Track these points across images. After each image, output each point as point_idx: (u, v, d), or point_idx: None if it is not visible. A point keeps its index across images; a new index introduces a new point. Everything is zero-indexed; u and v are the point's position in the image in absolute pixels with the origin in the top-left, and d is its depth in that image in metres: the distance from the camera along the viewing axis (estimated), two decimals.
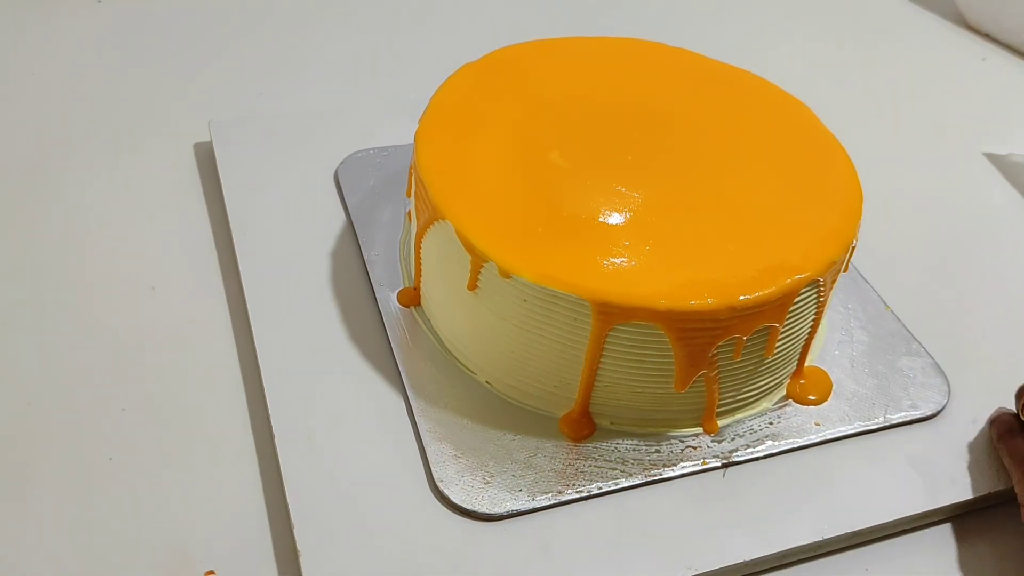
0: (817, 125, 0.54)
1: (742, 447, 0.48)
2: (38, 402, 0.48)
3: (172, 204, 0.60)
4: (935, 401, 0.51)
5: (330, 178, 0.60)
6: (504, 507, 0.44)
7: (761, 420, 0.49)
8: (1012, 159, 0.72)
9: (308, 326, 0.51)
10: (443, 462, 0.45)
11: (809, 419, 0.49)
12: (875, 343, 0.54)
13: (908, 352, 0.53)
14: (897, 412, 0.50)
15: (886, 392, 0.51)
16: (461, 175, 0.48)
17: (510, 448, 0.46)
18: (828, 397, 0.51)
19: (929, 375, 0.52)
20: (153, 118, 0.66)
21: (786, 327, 0.46)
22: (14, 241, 0.56)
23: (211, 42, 0.75)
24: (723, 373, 0.47)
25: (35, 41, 0.73)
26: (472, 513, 0.44)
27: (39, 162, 0.62)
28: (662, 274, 0.44)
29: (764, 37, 0.85)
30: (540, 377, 0.47)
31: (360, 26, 0.79)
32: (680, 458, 0.47)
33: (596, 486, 0.45)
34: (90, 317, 0.52)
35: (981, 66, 0.84)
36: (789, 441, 0.48)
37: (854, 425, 0.49)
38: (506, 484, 0.45)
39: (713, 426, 0.48)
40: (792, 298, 0.45)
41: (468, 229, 0.46)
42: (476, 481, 0.45)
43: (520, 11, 0.83)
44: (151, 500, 0.44)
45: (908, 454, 0.49)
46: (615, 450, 0.47)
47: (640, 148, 0.51)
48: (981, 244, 0.64)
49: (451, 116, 0.51)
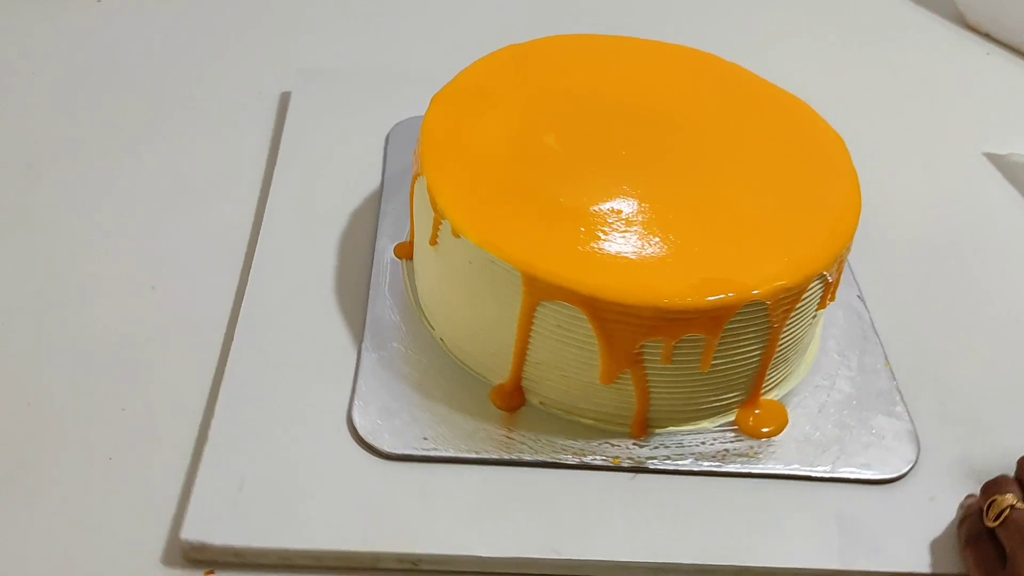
0: (829, 134, 0.53)
1: (661, 458, 0.47)
2: (38, 402, 0.48)
3: (177, 204, 0.60)
4: (893, 467, 0.47)
5: (382, 139, 0.64)
6: (399, 449, 0.46)
7: (695, 438, 0.48)
8: (1012, 159, 0.72)
9: (303, 268, 0.54)
10: (367, 399, 0.48)
11: (747, 448, 0.48)
12: (856, 396, 0.51)
13: (888, 413, 0.50)
14: (846, 467, 0.47)
15: (843, 445, 0.48)
16: (453, 140, 0.50)
17: (436, 401, 0.48)
18: (779, 433, 0.49)
19: (900, 440, 0.49)
20: (153, 118, 0.66)
21: (724, 344, 0.45)
22: (14, 241, 0.56)
23: (211, 41, 0.75)
24: (653, 377, 0.46)
25: (35, 41, 0.73)
26: (372, 448, 0.46)
27: (39, 162, 0.61)
28: (604, 262, 0.45)
29: (764, 37, 0.83)
30: (480, 341, 0.49)
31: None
32: (594, 451, 0.47)
33: (498, 454, 0.46)
34: (90, 316, 0.52)
35: (981, 66, 0.83)
36: (713, 464, 0.47)
37: (791, 467, 0.47)
38: (415, 431, 0.47)
39: (640, 431, 0.48)
40: (727, 315, 0.44)
41: (437, 186, 0.48)
42: (390, 422, 0.47)
43: (524, 9, 0.82)
44: (151, 500, 0.44)
45: (840, 511, 0.46)
46: (533, 428, 0.47)
47: (637, 142, 0.51)
48: (981, 244, 0.63)
49: (469, 89, 0.53)
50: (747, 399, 0.49)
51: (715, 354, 0.45)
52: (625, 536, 0.44)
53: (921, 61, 0.84)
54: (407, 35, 0.77)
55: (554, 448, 0.47)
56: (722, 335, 0.44)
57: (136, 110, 0.67)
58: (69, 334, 0.51)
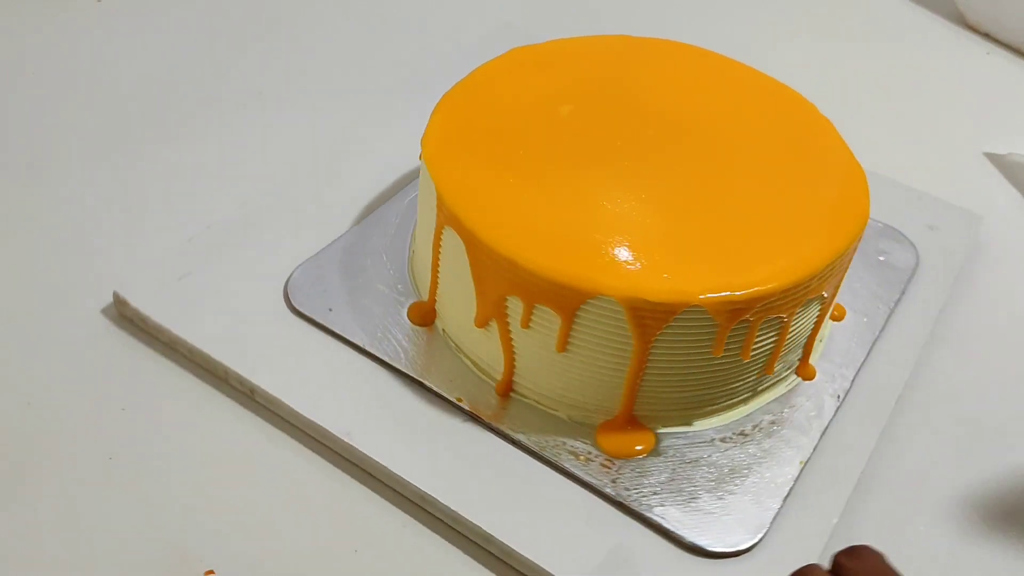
0: (838, 143, 0.53)
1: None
2: (38, 402, 0.48)
3: (176, 202, 0.60)
4: (715, 539, 0.44)
5: None
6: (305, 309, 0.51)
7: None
8: (1012, 159, 0.72)
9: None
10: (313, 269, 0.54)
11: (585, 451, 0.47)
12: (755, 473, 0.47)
13: (762, 496, 0.46)
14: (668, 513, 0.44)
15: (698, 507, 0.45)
16: (455, 128, 0.51)
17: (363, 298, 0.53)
18: (627, 456, 0.47)
19: (745, 524, 0.44)
20: (153, 118, 0.67)
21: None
22: (13, 240, 0.56)
23: (211, 41, 0.75)
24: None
25: (35, 41, 0.73)
26: (305, 316, 0.51)
27: (39, 162, 0.62)
28: (571, 248, 0.45)
29: (763, 37, 0.84)
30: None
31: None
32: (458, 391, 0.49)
33: (378, 353, 0.50)
34: (89, 315, 0.52)
35: (981, 66, 0.83)
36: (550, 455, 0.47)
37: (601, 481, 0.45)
38: (324, 302, 0.52)
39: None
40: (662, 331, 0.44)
41: (433, 162, 0.49)
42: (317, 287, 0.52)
43: (524, 10, 0.83)
44: (150, 499, 0.44)
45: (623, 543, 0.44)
46: (425, 352, 0.50)
47: (643, 145, 0.51)
48: (981, 244, 0.62)
49: (475, 91, 0.53)
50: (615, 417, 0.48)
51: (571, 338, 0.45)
52: (416, 457, 0.46)
53: (921, 61, 0.84)
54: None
55: (437, 378, 0.49)
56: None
57: (136, 110, 0.67)
58: (68, 333, 0.51)
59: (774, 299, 0.44)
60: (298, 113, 0.68)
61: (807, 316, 0.48)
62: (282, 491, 0.46)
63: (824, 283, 0.47)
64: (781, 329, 0.46)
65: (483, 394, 0.48)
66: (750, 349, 0.46)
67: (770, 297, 0.44)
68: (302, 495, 0.46)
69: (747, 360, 0.46)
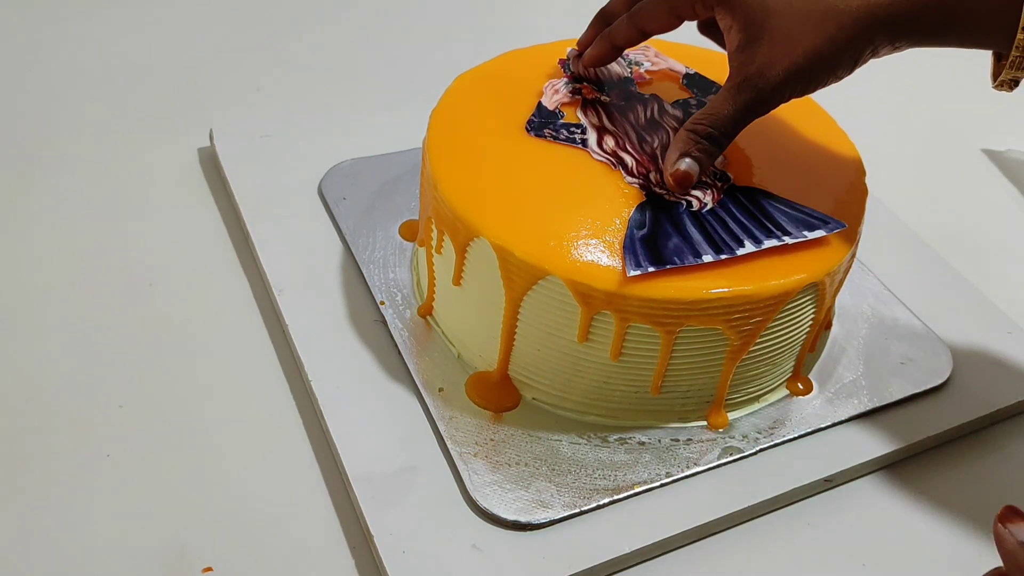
0: (851, 152, 0.53)
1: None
2: (37, 400, 0.48)
3: (172, 202, 0.60)
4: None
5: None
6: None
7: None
8: (1010, 155, 0.73)
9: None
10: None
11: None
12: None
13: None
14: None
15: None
16: (454, 121, 0.51)
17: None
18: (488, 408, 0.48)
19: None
20: (154, 118, 0.67)
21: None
22: (13, 239, 0.57)
23: (211, 41, 0.75)
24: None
25: (35, 41, 0.73)
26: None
27: (39, 161, 0.62)
28: (547, 236, 0.45)
29: None
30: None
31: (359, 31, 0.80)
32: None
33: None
34: (89, 314, 0.53)
35: (980, 63, 0.80)
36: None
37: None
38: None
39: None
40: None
41: (433, 152, 0.49)
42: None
43: (525, 10, 0.83)
44: (149, 497, 0.45)
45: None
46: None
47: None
48: (979, 239, 0.63)
49: (475, 91, 0.53)
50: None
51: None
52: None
53: (920, 59, 0.83)
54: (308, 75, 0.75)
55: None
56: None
57: (135, 109, 0.68)
58: (68, 332, 0.52)
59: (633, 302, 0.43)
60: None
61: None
62: (282, 489, 0.46)
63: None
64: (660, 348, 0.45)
65: (410, 314, 0.52)
66: (618, 352, 0.45)
67: (627, 298, 0.43)
68: (302, 493, 0.46)
69: (615, 361, 0.45)
